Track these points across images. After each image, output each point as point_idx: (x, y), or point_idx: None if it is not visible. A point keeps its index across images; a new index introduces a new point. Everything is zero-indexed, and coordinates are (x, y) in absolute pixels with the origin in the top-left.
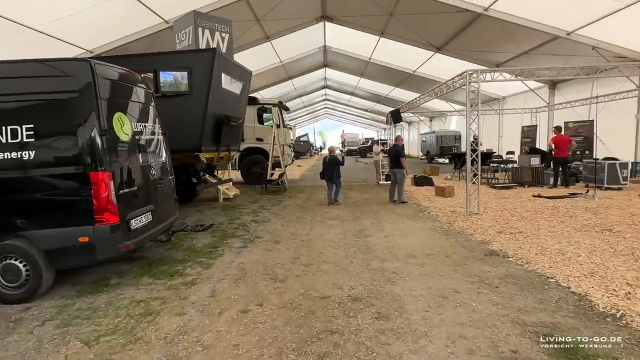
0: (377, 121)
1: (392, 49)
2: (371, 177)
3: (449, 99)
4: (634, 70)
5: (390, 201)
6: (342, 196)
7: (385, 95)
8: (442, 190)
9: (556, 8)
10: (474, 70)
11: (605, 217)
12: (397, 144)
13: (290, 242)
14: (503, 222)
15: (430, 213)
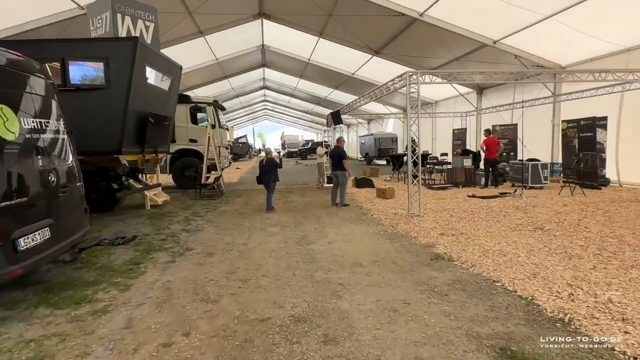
0: (317, 123)
1: (332, 50)
2: (312, 179)
3: (386, 102)
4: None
5: (333, 204)
6: (282, 200)
7: (324, 97)
8: (383, 192)
9: (483, 18)
10: (413, 72)
11: (535, 215)
12: (338, 146)
13: (226, 254)
14: (444, 223)
15: (373, 216)
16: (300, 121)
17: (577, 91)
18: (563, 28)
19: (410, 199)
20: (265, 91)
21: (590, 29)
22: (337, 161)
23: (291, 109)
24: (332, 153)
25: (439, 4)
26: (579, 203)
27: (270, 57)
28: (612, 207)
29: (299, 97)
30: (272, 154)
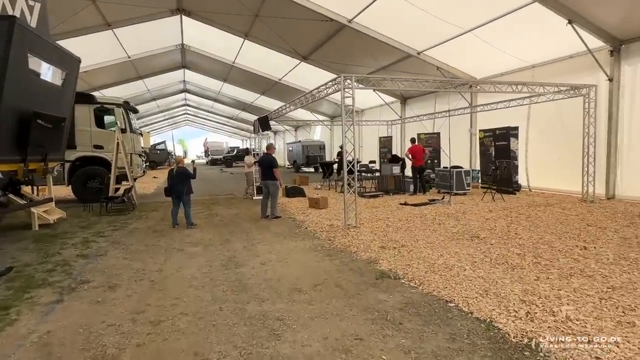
0: (243, 129)
1: (258, 54)
2: (239, 188)
3: (314, 110)
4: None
5: (263, 217)
6: (205, 213)
7: (250, 103)
8: (316, 201)
9: (409, 29)
10: (348, 75)
11: (467, 223)
12: (269, 153)
13: (134, 285)
14: (382, 234)
15: (308, 229)
16: (224, 127)
17: (492, 102)
18: (480, 43)
19: (347, 209)
20: (186, 95)
21: (503, 45)
22: (268, 170)
23: (215, 114)
24: (262, 161)
25: (368, 11)
26: (501, 209)
27: (191, 58)
28: (532, 212)
29: (223, 102)
30: (183, 163)
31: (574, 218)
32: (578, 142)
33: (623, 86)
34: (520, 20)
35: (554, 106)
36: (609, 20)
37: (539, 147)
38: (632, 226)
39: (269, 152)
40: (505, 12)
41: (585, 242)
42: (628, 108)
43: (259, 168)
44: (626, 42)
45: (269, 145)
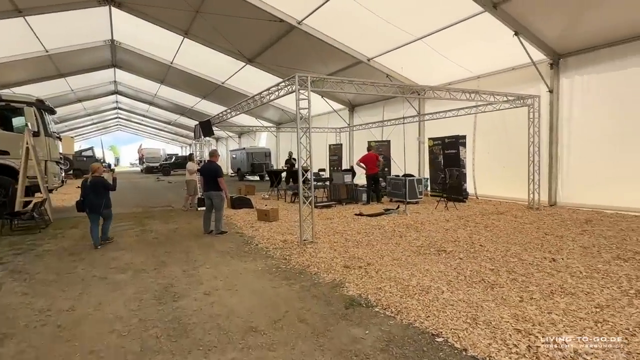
0: (181, 136)
1: (199, 54)
2: (178, 199)
3: (259, 116)
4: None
5: (206, 232)
6: (137, 229)
7: (190, 108)
8: (266, 213)
9: (360, 34)
10: (304, 75)
11: (428, 235)
12: (213, 161)
13: (32, 335)
14: (342, 250)
15: (259, 245)
16: (162, 133)
17: (440, 111)
18: (429, 52)
19: (302, 223)
20: (118, 97)
21: (451, 54)
22: (211, 180)
23: (151, 119)
24: (205, 170)
25: (319, 13)
26: (457, 218)
27: (123, 56)
28: (487, 221)
29: (160, 106)
30: (100, 171)
31: (529, 226)
32: (521, 151)
33: (562, 98)
34: (468, 31)
35: (499, 116)
36: (549, 34)
37: (484, 155)
38: (585, 234)
39: (213, 160)
40: (455, 22)
41: (551, 254)
42: (566, 119)
43: (201, 177)
44: (564, 56)
45: (212, 152)
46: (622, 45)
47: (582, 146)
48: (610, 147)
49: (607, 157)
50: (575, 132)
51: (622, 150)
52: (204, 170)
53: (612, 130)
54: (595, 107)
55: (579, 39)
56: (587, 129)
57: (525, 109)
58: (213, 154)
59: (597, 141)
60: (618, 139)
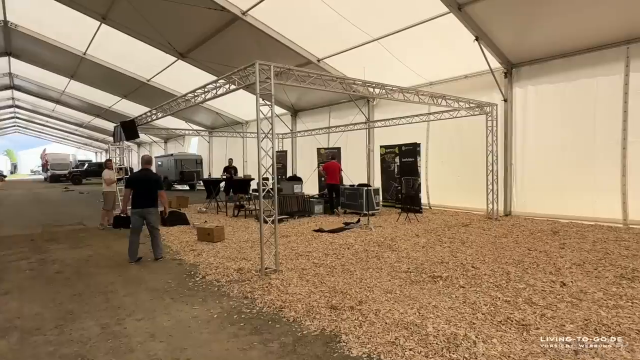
0: (96, 140)
1: (121, 45)
2: (93, 214)
3: (188, 119)
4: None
5: (133, 261)
6: (33, 258)
7: (107, 108)
8: (208, 232)
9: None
10: (265, 63)
11: (407, 254)
12: (148, 168)
13: None
14: (317, 281)
15: (206, 278)
16: (71, 137)
17: (392, 118)
18: (383, 56)
19: (263, 248)
20: (15, 93)
21: (406, 58)
22: (148, 193)
23: (58, 120)
24: (139, 180)
25: (268, 4)
26: (424, 231)
27: (21, 42)
28: (458, 234)
29: (69, 105)
30: None
31: (504, 240)
32: (476, 160)
33: (515, 107)
34: (428, 34)
35: (452, 124)
36: (505, 42)
37: (438, 164)
38: (566, 248)
39: (147, 167)
40: (417, 22)
41: (553, 275)
42: (520, 128)
43: (132, 190)
44: (517, 66)
45: (148, 159)
46: (574, 57)
47: (535, 156)
48: (562, 157)
49: (559, 166)
50: (528, 141)
51: (574, 160)
52: (137, 181)
53: (564, 141)
54: (548, 117)
55: (532, 48)
56: (540, 138)
57: (480, 117)
58: (149, 161)
59: (549, 151)
60: (570, 149)
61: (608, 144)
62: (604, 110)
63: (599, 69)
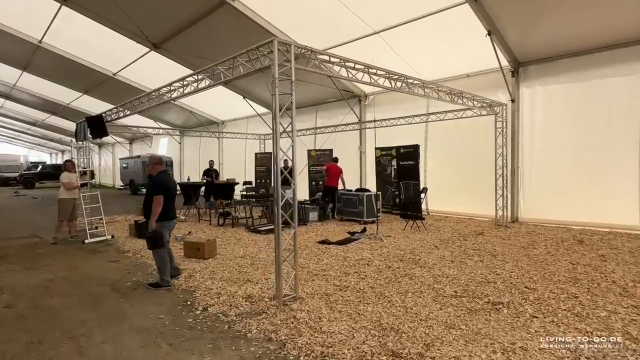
0: (51, 140)
1: (84, 32)
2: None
3: (157, 118)
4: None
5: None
6: None
7: (66, 105)
8: (198, 247)
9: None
10: (285, 41)
11: (441, 272)
12: (164, 170)
13: None
14: (352, 312)
15: (210, 311)
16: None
17: (390, 118)
18: (384, 49)
19: (280, 270)
20: None
21: (407, 54)
22: (174, 199)
23: (7, 117)
24: (168, 183)
25: None
26: (440, 241)
27: None
28: (481, 245)
29: (20, 101)
30: None
31: (537, 252)
32: (479, 163)
33: (522, 108)
34: (429, 29)
35: (453, 125)
36: (513, 39)
37: (437, 167)
38: (609, 259)
39: (161, 168)
40: (427, 13)
41: (624, 296)
42: (527, 130)
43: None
44: (524, 64)
45: (158, 160)
46: (585, 56)
47: (543, 159)
48: (572, 160)
49: (569, 170)
50: (536, 144)
51: (585, 164)
52: (169, 187)
53: (574, 143)
54: (557, 119)
55: (540, 47)
56: (549, 141)
57: (482, 118)
58: (158, 162)
59: (559, 154)
60: (581, 152)
61: (623, 147)
62: (618, 111)
63: (613, 69)
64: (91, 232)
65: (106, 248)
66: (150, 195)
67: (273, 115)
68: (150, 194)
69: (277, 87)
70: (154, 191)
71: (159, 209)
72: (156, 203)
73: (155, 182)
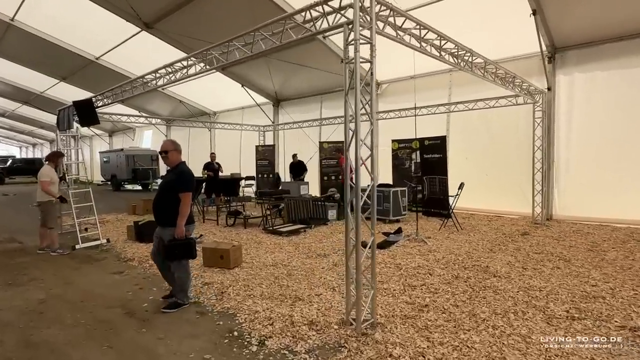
0: (21, 132)
1: (63, 9)
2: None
3: (142, 108)
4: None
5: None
6: None
7: (40, 93)
8: (221, 255)
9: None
10: None
11: (524, 282)
12: (182, 161)
13: None
14: (457, 343)
15: (268, 345)
16: None
17: (408, 108)
18: None
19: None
20: None
21: None
22: (167, 199)
23: None
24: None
25: None
26: (491, 244)
27: None
28: (540, 247)
29: None
30: None
31: (613, 256)
32: (508, 156)
33: (559, 97)
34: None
35: (478, 115)
36: (553, 20)
37: (460, 161)
38: None
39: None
40: None
41: None
42: (564, 121)
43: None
44: (561, 50)
45: (170, 144)
46: (631, 40)
47: (581, 152)
48: (614, 154)
49: (610, 165)
50: (573, 136)
51: (629, 157)
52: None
53: (617, 136)
54: (597, 109)
55: (581, 29)
56: (588, 133)
57: (509, 108)
58: (171, 147)
59: (599, 147)
60: (623, 145)
61: None
62: None
63: None
64: (82, 236)
65: (103, 255)
66: (170, 192)
67: (345, 92)
68: (170, 191)
69: (358, 52)
70: (181, 187)
71: (187, 209)
72: (185, 202)
73: (181, 176)
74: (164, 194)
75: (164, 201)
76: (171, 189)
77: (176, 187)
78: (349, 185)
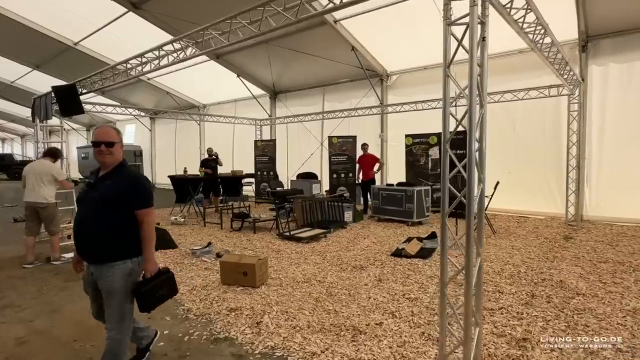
0: None
1: None
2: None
3: (123, 100)
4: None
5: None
6: None
7: (10, 83)
8: (245, 271)
9: None
10: None
11: (617, 302)
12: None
13: None
14: None
15: None
16: None
17: (417, 101)
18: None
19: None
20: None
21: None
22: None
23: None
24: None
25: None
26: (539, 249)
27: None
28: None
29: None
30: None
31: None
32: (534, 153)
33: (592, 89)
34: None
35: (501, 109)
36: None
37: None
38: None
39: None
40: None
41: None
42: (597, 115)
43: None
44: (593, 38)
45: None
46: None
47: (617, 149)
48: None
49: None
50: (608, 131)
51: None
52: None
53: None
54: (635, 102)
55: (617, 16)
56: (624, 127)
57: (540, 100)
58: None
59: (633, 142)
60: None
61: None
62: None
63: None
64: (65, 244)
65: None
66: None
67: (447, 65)
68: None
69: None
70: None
71: (154, 233)
72: (150, 223)
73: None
74: (103, 213)
75: (106, 224)
76: (120, 204)
77: (132, 202)
78: (447, 188)
